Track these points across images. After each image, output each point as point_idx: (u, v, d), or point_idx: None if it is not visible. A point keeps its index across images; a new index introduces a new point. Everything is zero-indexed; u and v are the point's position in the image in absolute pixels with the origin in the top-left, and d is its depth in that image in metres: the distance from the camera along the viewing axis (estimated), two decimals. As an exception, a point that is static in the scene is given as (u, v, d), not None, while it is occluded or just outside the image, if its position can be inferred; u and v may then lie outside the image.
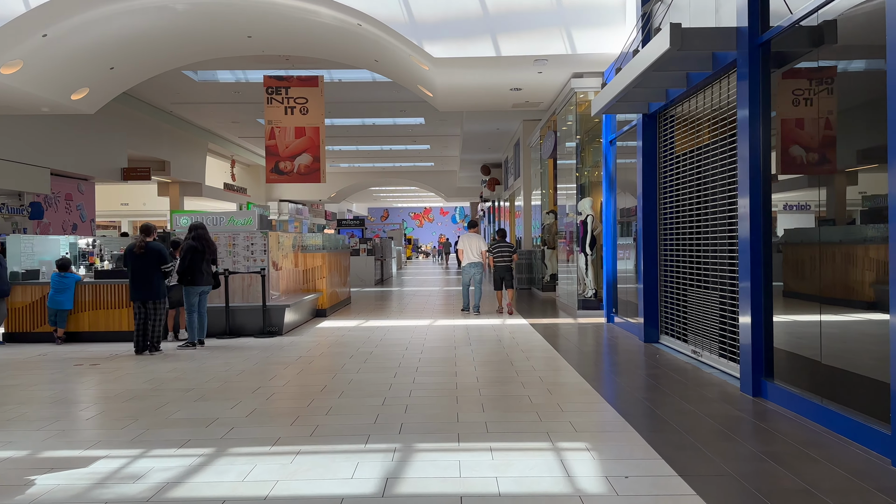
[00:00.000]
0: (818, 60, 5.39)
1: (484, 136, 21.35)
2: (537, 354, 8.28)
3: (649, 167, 9.11)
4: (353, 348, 8.95)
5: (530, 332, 10.30)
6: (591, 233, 12.30)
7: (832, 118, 5.33)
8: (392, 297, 17.16)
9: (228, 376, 7.26)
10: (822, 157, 5.45)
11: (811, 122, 5.63)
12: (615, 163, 11.05)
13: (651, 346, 8.82)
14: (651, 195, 9.10)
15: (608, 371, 7.34)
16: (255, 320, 10.19)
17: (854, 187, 5.24)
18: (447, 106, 14.34)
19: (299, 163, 16.46)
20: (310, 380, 7.04)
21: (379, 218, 57.58)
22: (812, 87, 5.63)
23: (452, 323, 11.51)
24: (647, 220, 9.11)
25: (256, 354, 8.60)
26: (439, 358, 8.13)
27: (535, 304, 14.65)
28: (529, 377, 6.93)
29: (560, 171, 14.32)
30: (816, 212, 5.60)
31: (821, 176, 5.49)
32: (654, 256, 9.11)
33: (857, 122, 5.22)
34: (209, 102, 20.15)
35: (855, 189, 5.23)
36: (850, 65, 5.29)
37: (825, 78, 5.36)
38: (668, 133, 8.81)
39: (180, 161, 23.72)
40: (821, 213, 5.52)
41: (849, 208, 5.32)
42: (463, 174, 30.55)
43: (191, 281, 9.11)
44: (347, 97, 19.14)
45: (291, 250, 11.78)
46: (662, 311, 9.02)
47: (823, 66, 5.35)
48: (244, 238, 10.41)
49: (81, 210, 20.68)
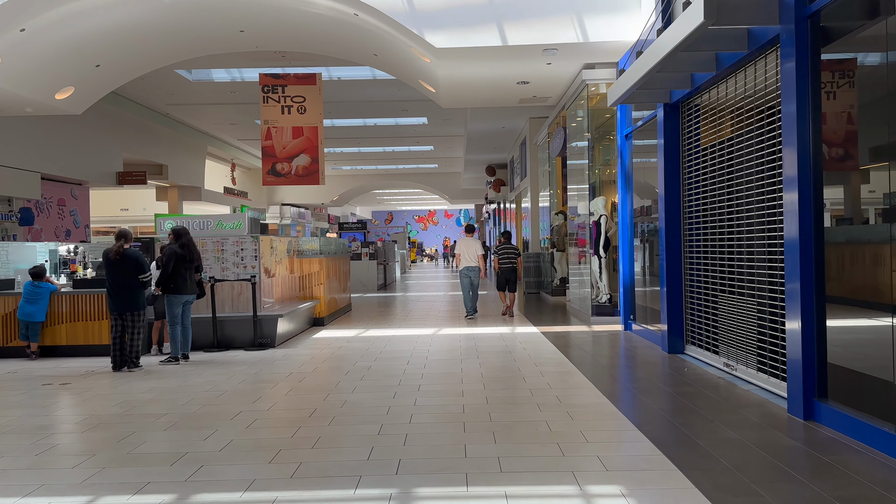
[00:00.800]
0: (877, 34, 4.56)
1: (489, 136, 20.54)
2: (551, 369, 7.45)
3: (671, 162, 8.28)
4: (351, 362, 8.14)
5: (542, 341, 9.48)
6: (605, 234, 11.47)
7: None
8: (395, 304, 16.34)
9: (209, 397, 6.45)
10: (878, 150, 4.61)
11: (867, 108, 4.80)
12: (631, 158, 10.23)
13: (676, 358, 7.98)
14: (674, 192, 8.27)
15: (633, 388, 6.50)
16: (246, 332, 9.40)
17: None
18: (450, 102, 13.53)
19: (297, 164, 15.68)
20: (299, 402, 6.23)
21: (383, 221, 56.80)
22: (865, 69, 4.81)
23: (458, 332, 10.69)
24: (669, 219, 8.28)
25: (244, 371, 7.79)
26: (444, 373, 7.30)
27: (545, 310, 13.82)
28: (545, 397, 6.10)
29: (570, 169, 13.50)
30: (877, 206, 4.77)
31: (869, 169, 4.66)
32: (677, 259, 8.28)
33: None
34: (205, 103, 19.39)
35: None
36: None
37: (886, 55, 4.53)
38: (692, 123, 7.98)
39: (178, 165, 22.97)
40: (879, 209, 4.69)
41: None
42: (467, 175, 29.74)
43: (174, 290, 8.31)
44: (347, 96, 18.35)
45: (286, 255, 10.98)
46: (688, 318, 8.18)
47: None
48: (233, 243, 9.62)
49: (75, 215, 19.93)
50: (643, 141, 9.97)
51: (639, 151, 10.12)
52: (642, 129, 9.71)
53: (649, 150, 9.96)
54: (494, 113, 17.06)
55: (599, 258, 11.59)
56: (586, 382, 6.70)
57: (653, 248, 10.20)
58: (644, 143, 9.96)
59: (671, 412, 5.57)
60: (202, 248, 9.57)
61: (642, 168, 10.09)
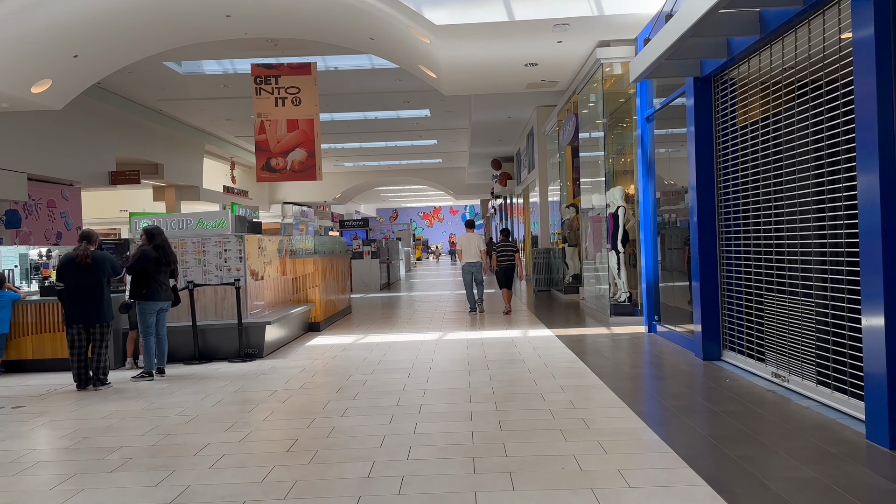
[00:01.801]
0: None
1: (494, 127, 19.50)
2: (572, 381, 6.43)
3: (703, 143, 7.24)
4: (344, 376, 7.14)
5: (557, 346, 8.46)
6: (623, 227, 10.43)
7: None
8: (398, 305, 15.34)
9: (176, 424, 5.46)
10: None
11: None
12: (653, 143, 9.18)
13: (713, 366, 6.95)
14: (707, 178, 7.24)
15: (671, 406, 5.48)
16: (231, 341, 8.41)
17: None
18: (453, 89, 12.51)
19: (293, 159, 14.68)
20: (278, 429, 5.23)
21: (388, 219, 55.80)
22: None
23: (465, 336, 9.68)
24: (702, 208, 7.25)
25: (223, 388, 6.80)
26: (449, 389, 6.30)
27: (558, 309, 12.79)
28: (569, 420, 5.09)
29: (583, 158, 12.46)
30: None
31: None
32: (711, 253, 7.25)
33: None
34: (198, 98, 18.41)
35: None
36: None
37: None
38: (728, 99, 6.94)
39: (175, 164, 22.01)
40: None
41: None
42: (472, 170, 28.70)
43: (146, 296, 7.33)
44: (345, 88, 17.34)
45: (277, 256, 9.99)
46: (725, 321, 7.15)
47: None
48: (216, 243, 8.63)
49: (66, 217, 18.98)
50: (661, 130, 8.94)
51: (672, 133, 9.08)
52: (661, 116, 8.67)
53: (662, 139, 8.93)
54: (500, 101, 16.02)
55: (617, 253, 10.56)
56: (614, 399, 5.68)
57: (663, 241, 9.17)
58: (663, 132, 8.93)
59: (724, 439, 4.54)
60: (181, 250, 8.60)
61: (676, 150, 9.06)
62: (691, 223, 7.43)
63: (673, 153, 8.76)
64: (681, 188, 9.10)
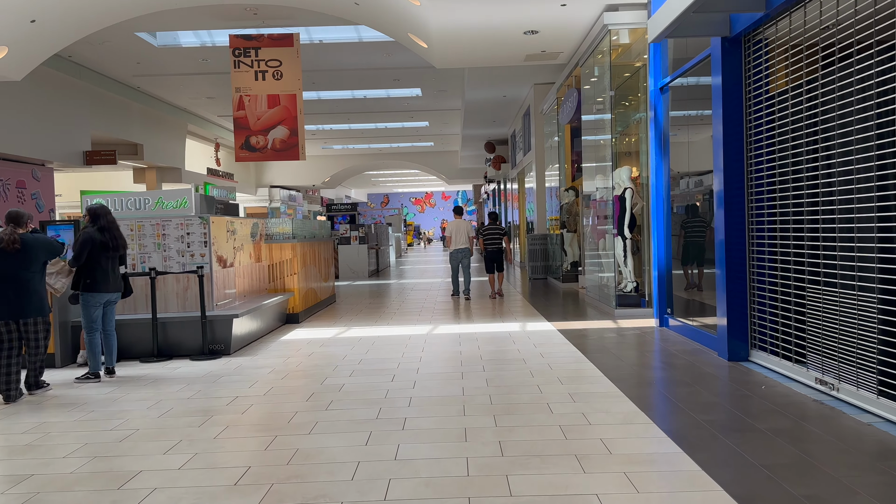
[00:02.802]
0: None
1: (488, 106, 18.45)
2: (583, 388, 5.48)
3: (732, 113, 6.26)
4: (319, 378, 6.17)
5: (561, 343, 7.51)
6: (630, 211, 9.47)
7: None
8: (386, 293, 14.35)
9: (108, 442, 4.48)
10: None
11: None
12: (667, 116, 8.20)
13: (740, 369, 6.01)
14: (735, 153, 6.26)
15: (706, 423, 4.53)
16: (195, 336, 7.42)
17: None
18: (445, 60, 11.47)
19: (274, 137, 13.61)
20: (229, 452, 4.25)
21: (379, 204, 54.68)
22: None
23: (457, 330, 8.72)
24: (730, 187, 6.28)
25: (176, 393, 5.81)
26: (440, 397, 5.33)
27: (556, 299, 11.83)
28: (586, 442, 4.13)
29: (586, 136, 11.45)
30: None
31: None
32: (740, 239, 6.29)
33: None
34: (176, 74, 17.26)
35: None
36: None
37: None
38: (761, 62, 5.96)
39: (156, 144, 20.88)
40: None
41: None
42: (465, 153, 27.64)
43: (90, 286, 6.32)
44: (332, 63, 16.25)
45: (251, 240, 8.97)
46: (755, 316, 6.20)
47: None
48: (177, 226, 7.61)
49: (38, 199, 17.83)
50: (694, 105, 7.96)
51: (690, 101, 8.10)
52: (689, 75, 7.69)
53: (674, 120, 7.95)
54: (495, 78, 14.98)
55: (623, 239, 9.60)
56: (635, 412, 4.73)
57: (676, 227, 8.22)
58: (697, 94, 7.95)
59: (781, 471, 3.59)
60: (138, 233, 7.58)
61: (695, 124, 8.08)
62: (716, 205, 6.47)
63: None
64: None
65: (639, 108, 10.29)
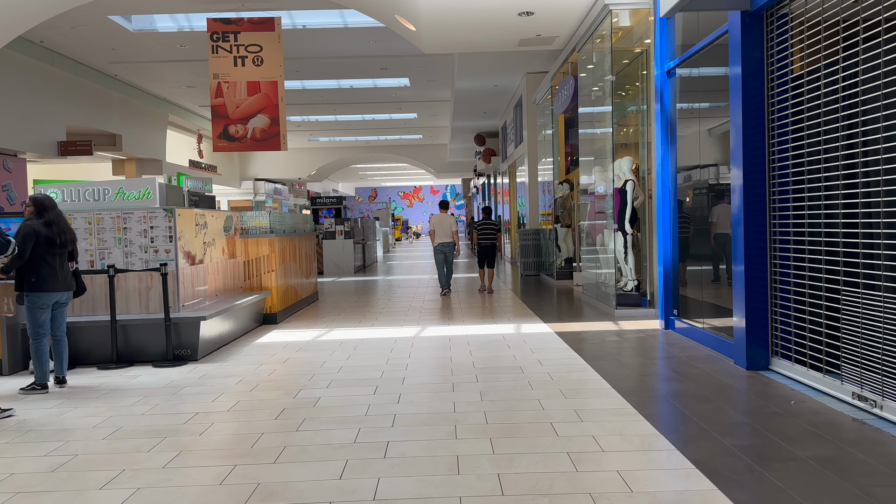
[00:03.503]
0: None
1: (479, 97, 17.76)
2: (591, 404, 4.81)
3: (752, 97, 5.61)
4: (292, 390, 5.47)
5: (560, 348, 6.85)
6: (631, 204, 8.83)
7: None
8: (372, 290, 13.65)
9: (35, 473, 3.76)
10: None
11: None
12: (674, 102, 7.54)
13: (762, 380, 5.38)
14: (756, 141, 5.62)
15: (739, 450, 3.87)
16: (159, 339, 6.70)
17: None
18: (434, 44, 10.76)
19: (254, 126, 12.85)
20: (174, 488, 3.54)
21: (367, 198, 53.86)
22: None
23: (447, 332, 8.05)
24: (749, 179, 5.64)
25: (130, 408, 5.10)
26: (428, 416, 4.65)
27: (551, 298, 11.18)
28: (604, 478, 3.46)
29: (583, 124, 10.77)
30: None
31: None
32: (760, 234, 5.65)
33: None
34: (154, 61, 16.44)
35: None
36: None
37: None
38: (787, 38, 5.32)
39: (135, 135, 20.04)
40: None
41: None
42: (454, 146, 26.93)
43: (35, 286, 5.59)
44: (316, 51, 15.49)
45: (223, 235, 8.25)
46: (777, 321, 5.57)
47: None
48: (139, 219, 6.87)
49: (9, 191, 16.97)
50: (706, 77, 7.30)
51: (700, 86, 7.45)
52: (701, 58, 7.03)
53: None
54: (486, 67, 14.30)
55: (624, 235, 8.96)
56: (655, 436, 4.07)
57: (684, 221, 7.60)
58: (707, 72, 7.29)
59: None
60: (97, 226, 6.85)
61: (707, 108, 7.44)
62: (734, 198, 5.83)
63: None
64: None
65: (637, 97, 9.65)
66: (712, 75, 6.78)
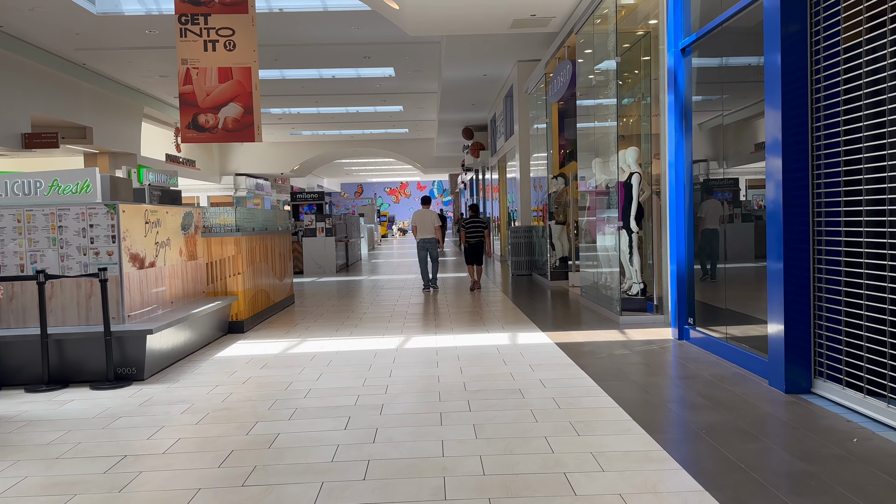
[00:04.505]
0: None
1: (467, 87, 16.82)
2: (612, 444, 3.89)
3: (793, 79, 4.71)
4: (248, 422, 4.52)
5: (564, 364, 5.94)
6: (638, 199, 7.94)
7: None
8: (355, 291, 12.69)
9: None
10: None
11: None
12: (689, 85, 6.64)
13: (808, 407, 4.49)
14: (797, 127, 4.72)
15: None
16: (100, 356, 5.72)
17: None
18: (419, 25, 9.81)
19: (226, 115, 11.82)
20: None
21: (353, 194, 52.77)
22: None
23: (434, 343, 7.11)
24: (790, 170, 4.75)
25: (44, 450, 4.12)
26: (410, 462, 3.71)
27: (546, 301, 10.27)
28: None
29: (582, 115, 9.86)
30: None
31: None
32: (802, 237, 4.76)
33: None
34: (121, 48, 15.35)
35: None
36: None
37: None
38: (833, 4, 4.43)
39: (107, 127, 18.95)
40: None
41: None
42: (442, 140, 25.98)
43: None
44: (295, 36, 14.46)
45: (182, 234, 7.26)
46: (821, 335, 4.68)
47: None
48: (77, 217, 5.89)
49: (-32, 186, 15.87)
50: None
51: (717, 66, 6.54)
52: (718, 36, 6.12)
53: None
54: (475, 53, 13.35)
55: (629, 233, 8.07)
56: (697, 491, 3.16)
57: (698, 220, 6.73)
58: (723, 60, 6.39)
59: None
60: (27, 224, 5.86)
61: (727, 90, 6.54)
62: (768, 188, 4.93)
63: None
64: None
65: (639, 84, 8.76)
66: (706, 66, 5.90)
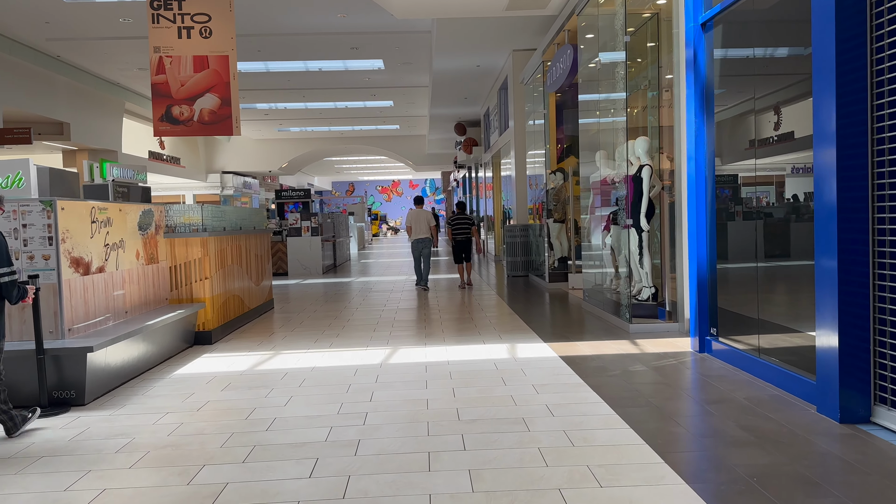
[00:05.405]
0: None
1: (459, 79, 15.99)
2: (644, 498, 3.10)
3: (848, 55, 3.92)
4: (191, 469, 3.68)
5: (573, 384, 5.13)
6: (648, 194, 7.14)
7: None
8: (341, 295, 11.85)
9: None
10: None
11: None
12: (711, 65, 5.83)
13: (869, 440, 3.69)
14: (854, 108, 3.93)
15: None
16: (35, 377, 4.88)
17: None
18: (407, 8, 8.98)
19: (201, 107, 10.92)
20: None
21: (344, 192, 51.84)
22: None
23: (423, 356, 6.29)
24: (845, 165, 3.95)
25: (-66, 503, 3.30)
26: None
27: (545, 305, 9.45)
28: None
29: (585, 104, 9.05)
30: None
31: None
32: (861, 241, 3.97)
33: None
34: (95, 38, 14.44)
35: None
36: None
37: None
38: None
39: (86, 123, 18.05)
40: None
41: None
42: (433, 137, 25.13)
43: None
44: (279, 27, 13.59)
45: (139, 234, 6.41)
46: (883, 354, 3.89)
47: None
48: (9, 215, 5.03)
49: (-66, 184, 14.95)
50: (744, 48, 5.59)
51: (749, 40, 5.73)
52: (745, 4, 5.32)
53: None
54: (468, 41, 12.53)
55: (639, 232, 7.26)
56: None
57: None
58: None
59: None
60: (-53, 225, 5.00)
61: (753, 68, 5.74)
62: (817, 181, 4.13)
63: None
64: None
65: (645, 73, 7.98)
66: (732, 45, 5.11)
